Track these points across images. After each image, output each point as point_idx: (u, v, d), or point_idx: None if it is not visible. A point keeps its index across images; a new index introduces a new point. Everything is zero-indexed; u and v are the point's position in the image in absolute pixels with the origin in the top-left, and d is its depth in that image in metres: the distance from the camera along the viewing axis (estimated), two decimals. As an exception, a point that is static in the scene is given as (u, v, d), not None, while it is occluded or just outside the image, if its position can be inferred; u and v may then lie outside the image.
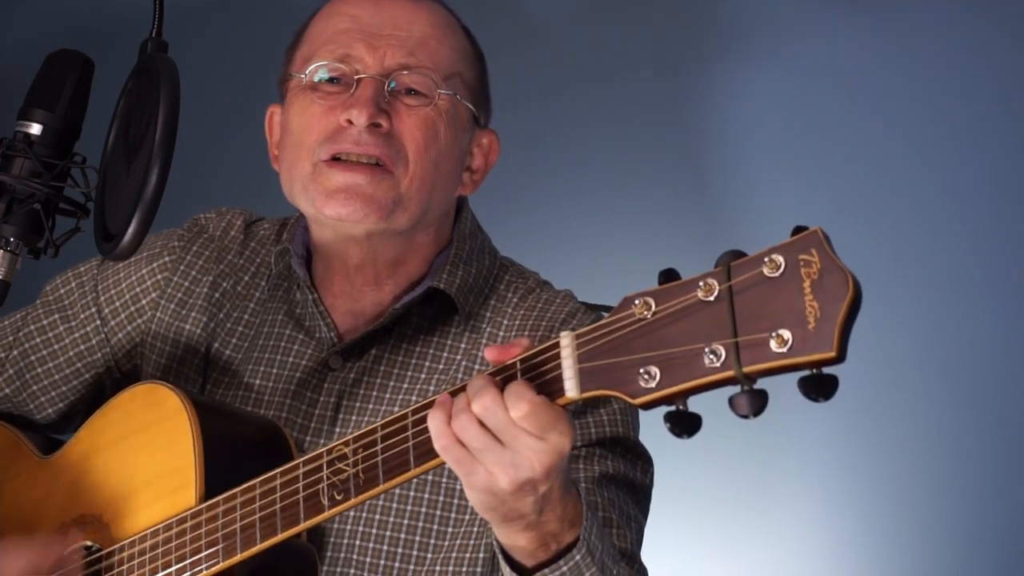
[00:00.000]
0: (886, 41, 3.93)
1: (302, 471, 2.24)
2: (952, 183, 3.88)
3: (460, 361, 2.56)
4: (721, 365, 1.90)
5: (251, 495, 2.29)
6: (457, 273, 2.57)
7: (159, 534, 2.36)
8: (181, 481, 2.36)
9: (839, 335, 1.83)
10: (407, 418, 2.14)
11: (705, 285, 1.92)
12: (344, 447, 2.20)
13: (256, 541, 2.27)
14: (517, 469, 2.03)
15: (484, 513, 2.11)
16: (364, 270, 2.58)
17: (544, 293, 2.61)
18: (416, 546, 2.48)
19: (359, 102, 2.49)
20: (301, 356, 2.60)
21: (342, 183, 2.49)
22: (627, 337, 1.97)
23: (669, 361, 1.93)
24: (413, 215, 2.52)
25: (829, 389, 1.86)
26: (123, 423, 2.47)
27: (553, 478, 2.06)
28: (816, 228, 1.88)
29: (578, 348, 2.01)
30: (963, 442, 3.81)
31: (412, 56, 2.53)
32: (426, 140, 2.51)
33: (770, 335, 1.86)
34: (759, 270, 1.89)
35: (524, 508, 2.08)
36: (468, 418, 2.05)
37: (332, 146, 2.50)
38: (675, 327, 1.93)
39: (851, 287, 1.84)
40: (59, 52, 2.41)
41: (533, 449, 2.03)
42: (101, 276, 2.72)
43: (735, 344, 1.89)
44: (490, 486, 2.05)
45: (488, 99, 2.65)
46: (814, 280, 1.85)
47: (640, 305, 1.97)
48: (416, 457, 2.13)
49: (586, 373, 2.00)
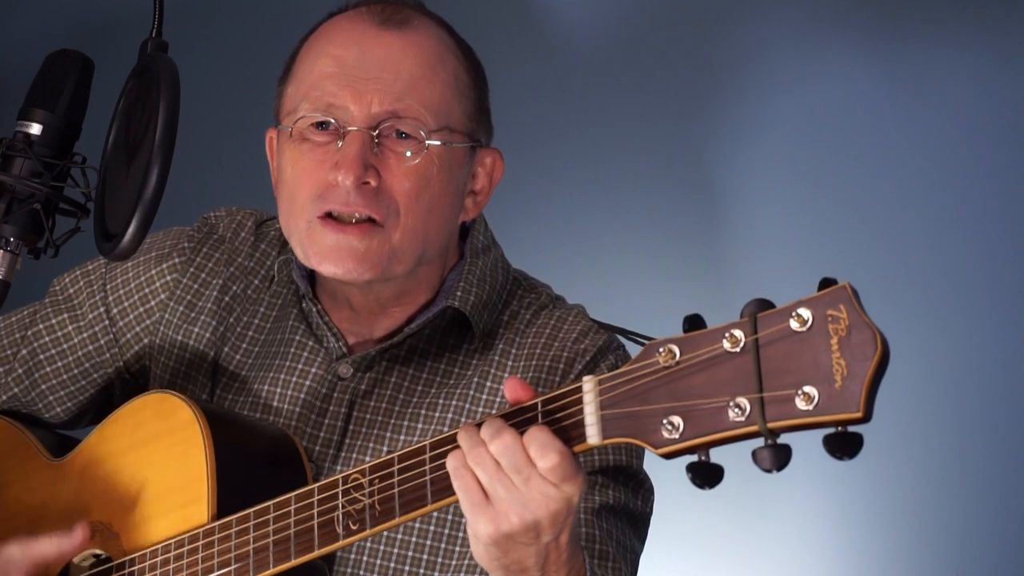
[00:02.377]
0: (894, 68, 3.94)
1: (317, 497, 2.24)
2: (955, 190, 3.88)
3: (472, 377, 2.55)
4: (746, 420, 1.90)
5: (265, 518, 2.28)
6: (471, 291, 2.56)
7: (171, 550, 2.35)
8: (193, 495, 2.36)
9: (866, 395, 1.83)
10: (425, 452, 2.14)
11: (731, 336, 1.91)
12: (360, 476, 2.19)
13: (269, 565, 2.27)
14: (525, 509, 2.03)
15: (487, 565, 2.11)
16: (368, 307, 2.57)
17: (557, 310, 2.59)
18: (424, 564, 2.48)
19: (346, 161, 2.44)
20: (311, 363, 2.59)
21: (334, 243, 2.46)
22: (651, 385, 1.96)
23: (693, 412, 1.93)
24: (408, 264, 2.50)
25: (854, 448, 1.86)
26: (134, 432, 2.47)
27: (557, 528, 2.05)
28: (845, 283, 1.87)
29: (601, 394, 2.01)
30: (963, 442, 3.81)
31: (400, 101, 2.47)
32: (417, 190, 2.47)
33: (796, 392, 1.86)
34: (786, 324, 1.88)
35: (526, 560, 2.08)
36: (483, 453, 2.05)
37: (323, 204, 2.46)
38: (700, 377, 1.93)
39: (879, 346, 1.83)
40: (59, 52, 2.40)
41: (545, 495, 2.03)
42: (110, 275, 2.71)
43: (760, 399, 1.88)
44: (497, 527, 2.05)
45: (488, 118, 2.59)
46: (842, 337, 1.85)
47: (665, 353, 1.96)
48: (433, 492, 2.13)
49: (608, 420, 2.00)
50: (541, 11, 4.11)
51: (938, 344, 3.84)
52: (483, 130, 2.57)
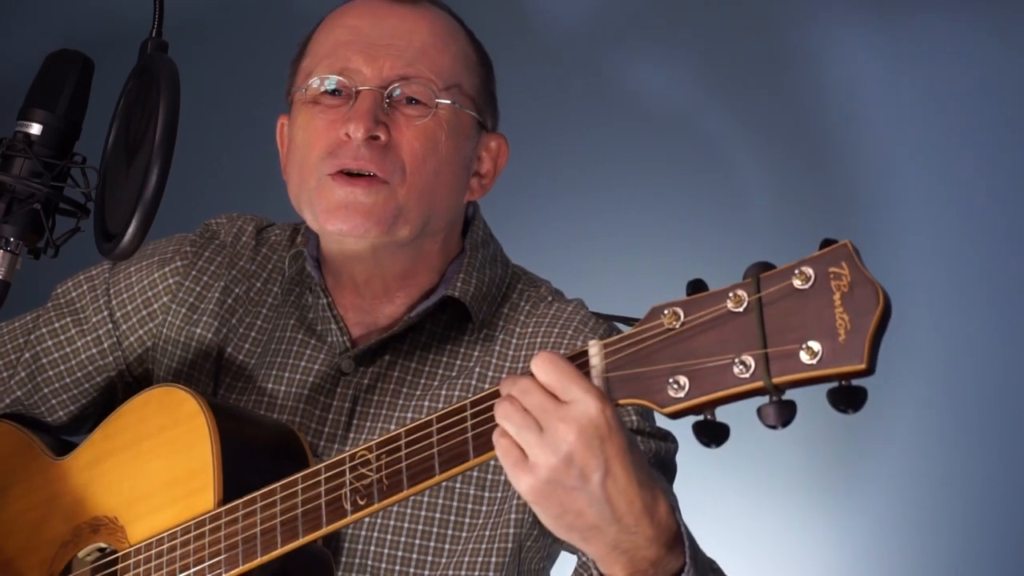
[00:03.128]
0: (892, 48, 3.94)
1: (324, 476, 2.24)
2: (952, 185, 3.88)
3: (474, 368, 2.56)
4: (750, 376, 1.90)
5: (272, 499, 2.28)
6: (471, 282, 2.58)
7: (176, 537, 2.35)
8: (199, 484, 2.36)
9: (869, 347, 1.84)
10: (432, 424, 2.14)
11: (734, 296, 1.92)
12: (367, 452, 2.20)
13: (276, 545, 2.27)
14: (554, 445, 1.98)
15: (557, 527, 2.04)
16: (372, 284, 2.58)
17: (556, 302, 2.61)
18: (430, 551, 2.49)
19: (356, 115, 2.49)
20: (314, 361, 2.60)
21: (342, 198, 2.49)
22: (656, 347, 1.97)
23: (698, 371, 1.94)
24: (415, 225, 2.52)
25: (858, 401, 1.86)
26: (138, 426, 2.47)
27: (598, 458, 1.98)
28: (846, 241, 1.89)
29: (606, 357, 2.01)
30: (964, 442, 3.81)
31: (411, 66, 2.53)
32: (424, 151, 2.51)
33: (800, 347, 1.87)
34: (789, 282, 1.89)
35: (588, 512, 2.01)
36: (508, 402, 2.03)
37: (333, 161, 2.50)
38: (704, 337, 1.94)
39: (881, 300, 1.85)
40: (59, 52, 2.41)
41: (561, 417, 1.99)
42: (113, 280, 2.72)
43: (765, 355, 1.89)
44: (535, 475, 1.99)
45: (495, 104, 2.64)
46: (844, 292, 1.86)
47: (669, 315, 1.97)
48: (441, 463, 2.13)
49: (614, 381, 2.00)
50: (539, 6, 4.12)
51: (936, 343, 3.84)
52: (489, 112, 2.62)
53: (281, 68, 2.68)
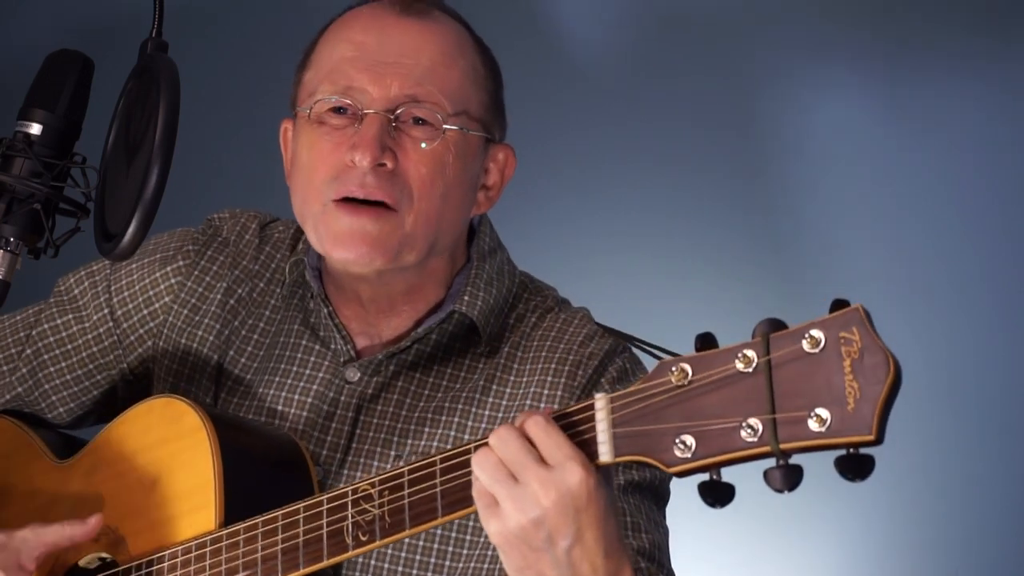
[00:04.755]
0: (892, 47, 3.95)
1: (326, 507, 2.24)
2: (953, 186, 3.88)
3: (478, 381, 2.55)
4: (758, 440, 1.91)
5: (273, 526, 2.28)
6: (478, 295, 2.56)
7: (177, 556, 2.36)
8: (200, 501, 2.36)
9: (879, 418, 1.85)
10: (435, 464, 2.14)
11: (743, 357, 1.92)
12: (369, 487, 2.20)
13: (278, 573, 2.27)
14: (525, 504, 2.02)
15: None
16: (377, 301, 2.56)
17: (562, 313, 2.59)
18: (431, 568, 2.48)
19: (363, 142, 2.45)
20: (318, 368, 2.58)
21: (348, 227, 2.46)
22: (663, 404, 1.97)
23: (705, 432, 1.93)
24: (421, 252, 2.50)
25: (866, 470, 1.87)
26: (140, 437, 2.47)
27: (570, 527, 2.02)
28: (858, 305, 1.88)
29: (613, 412, 2.01)
30: (964, 442, 3.80)
31: (419, 86, 2.48)
32: (432, 176, 2.47)
33: (808, 414, 1.87)
34: (799, 345, 1.89)
35: (549, 573, 2.04)
36: (486, 452, 2.06)
37: (339, 187, 2.47)
38: (712, 397, 1.93)
39: (892, 369, 1.85)
40: (59, 52, 2.40)
41: (541, 481, 2.01)
42: (114, 277, 2.70)
43: (773, 420, 1.89)
44: (502, 525, 2.04)
45: (503, 114, 2.61)
46: (854, 359, 1.86)
47: (677, 372, 1.96)
48: (444, 506, 2.14)
49: (620, 438, 2.01)
50: (549, 15, 4.11)
51: (941, 353, 3.84)
52: (497, 125, 2.59)
53: (281, 68, 2.67)
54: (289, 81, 2.62)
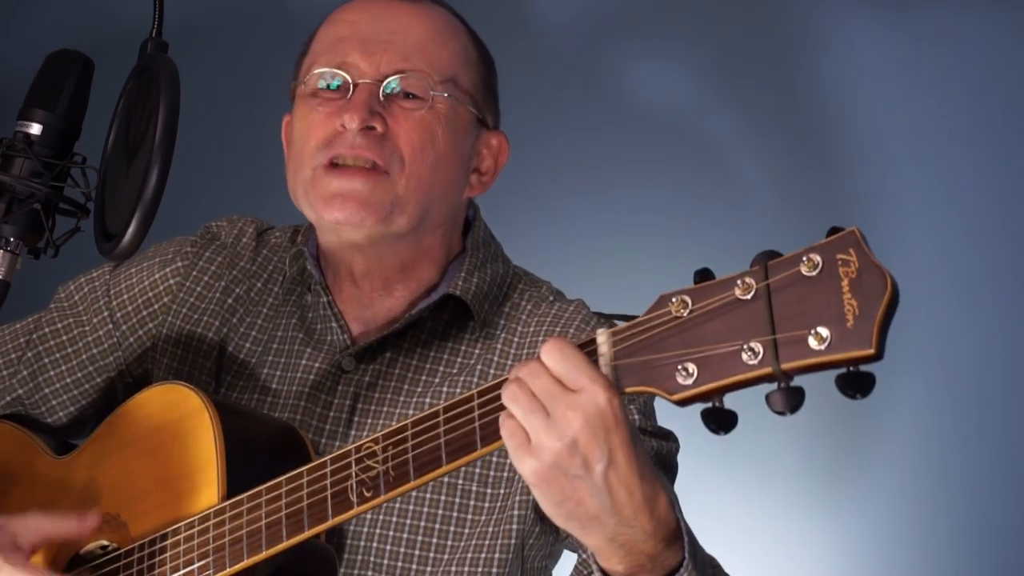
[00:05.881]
0: (892, 47, 3.95)
1: (330, 468, 2.24)
2: (952, 185, 3.88)
3: (475, 366, 2.56)
4: (759, 362, 1.91)
5: (277, 492, 2.28)
6: (472, 279, 2.58)
7: (180, 532, 2.35)
8: (202, 481, 2.35)
9: (878, 333, 1.85)
10: (439, 415, 2.14)
11: (742, 284, 1.93)
12: (373, 444, 2.20)
13: (282, 538, 2.26)
14: (559, 431, 1.99)
15: (558, 519, 2.05)
16: (371, 277, 2.58)
17: (558, 302, 2.62)
18: (433, 548, 2.48)
19: (352, 106, 2.50)
20: (315, 359, 2.60)
21: (338, 188, 2.50)
22: (664, 335, 1.98)
23: (707, 358, 1.94)
24: (412, 216, 2.52)
25: (867, 386, 1.87)
26: (141, 422, 2.47)
27: (602, 448, 1.99)
28: (853, 228, 1.89)
29: (615, 345, 2.02)
30: (964, 442, 3.81)
31: (407, 61, 2.54)
32: (422, 142, 2.51)
33: (808, 332, 1.87)
34: (796, 269, 1.90)
35: (590, 502, 2.01)
36: (516, 385, 2.03)
37: (328, 151, 2.51)
38: (712, 325, 1.94)
39: (889, 285, 1.85)
40: (59, 52, 2.41)
41: (569, 405, 1.99)
42: (113, 281, 2.72)
43: (773, 341, 1.90)
44: (539, 460, 2.00)
45: (495, 102, 2.65)
46: (852, 279, 1.87)
47: (677, 303, 1.98)
48: (448, 453, 2.13)
49: (623, 369, 2.01)
50: (546, 13, 4.12)
51: (936, 343, 3.84)
52: (490, 109, 2.63)
53: (281, 68, 2.68)
54: (289, 82, 2.64)
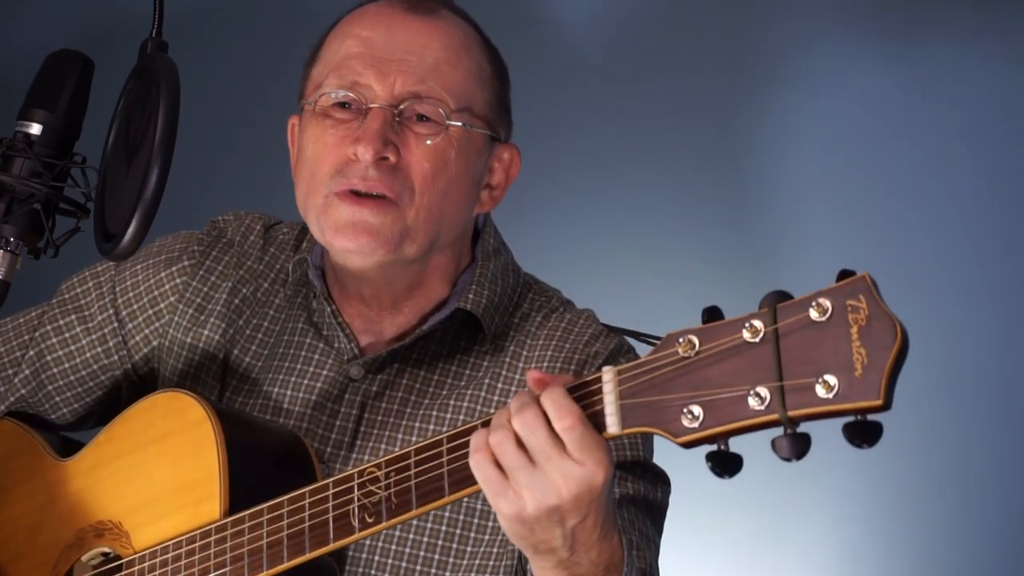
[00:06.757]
0: (892, 46, 3.95)
1: (332, 491, 2.24)
2: (952, 185, 3.89)
3: (483, 379, 2.55)
4: (766, 408, 1.90)
5: (278, 512, 2.28)
6: (483, 293, 2.56)
7: (182, 546, 2.35)
8: (204, 493, 2.35)
9: (886, 383, 1.85)
10: (442, 444, 2.14)
11: (750, 327, 1.92)
12: (376, 469, 2.20)
13: (283, 559, 2.27)
14: (544, 494, 2.03)
15: (516, 541, 2.11)
16: (380, 298, 2.57)
17: (567, 313, 2.60)
18: (436, 564, 2.48)
19: (366, 136, 2.47)
20: (322, 366, 2.59)
21: (349, 218, 2.47)
22: (670, 375, 1.97)
23: (713, 401, 1.93)
24: (422, 245, 2.51)
25: (874, 436, 1.87)
26: (144, 431, 2.46)
27: (582, 512, 2.04)
28: (864, 274, 1.88)
29: (620, 384, 2.01)
30: (964, 442, 3.81)
31: (423, 83, 2.50)
32: (434, 170, 2.49)
33: (816, 380, 1.86)
34: (805, 314, 1.89)
35: (553, 541, 2.07)
36: (506, 434, 2.05)
37: (342, 180, 2.48)
38: (719, 367, 1.93)
39: (899, 335, 1.84)
40: (59, 52, 2.41)
41: (564, 474, 2.02)
42: (119, 277, 2.70)
43: (780, 388, 1.89)
44: (517, 511, 2.05)
45: (508, 114, 2.62)
46: (862, 326, 1.85)
47: (684, 344, 1.96)
48: (451, 484, 2.13)
49: (628, 409, 2.00)
50: (551, 14, 4.12)
51: (936, 343, 3.84)
52: (502, 124, 2.60)
53: (281, 68, 2.68)
54: (290, 82, 2.63)
